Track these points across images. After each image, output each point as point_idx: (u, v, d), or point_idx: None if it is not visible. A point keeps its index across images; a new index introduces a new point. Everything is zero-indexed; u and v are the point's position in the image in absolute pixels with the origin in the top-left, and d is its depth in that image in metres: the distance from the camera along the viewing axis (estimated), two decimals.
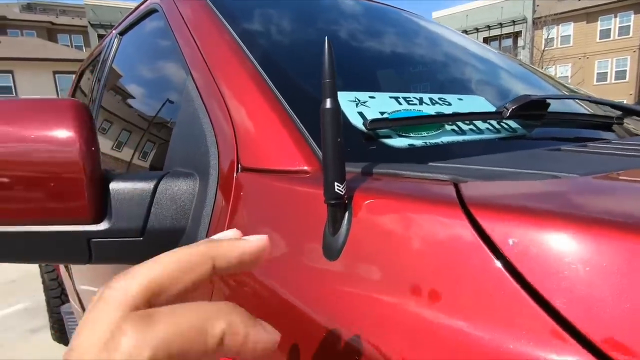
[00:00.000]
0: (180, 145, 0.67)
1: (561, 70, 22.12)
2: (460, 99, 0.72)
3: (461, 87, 0.84)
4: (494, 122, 0.64)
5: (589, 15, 21.81)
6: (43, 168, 0.51)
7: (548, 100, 0.63)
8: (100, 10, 22.57)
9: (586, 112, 0.79)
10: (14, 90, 17.01)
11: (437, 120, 0.57)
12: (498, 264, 0.27)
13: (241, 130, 0.54)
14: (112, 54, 1.44)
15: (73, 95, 2.39)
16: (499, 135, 0.61)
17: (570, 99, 0.75)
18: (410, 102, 0.65)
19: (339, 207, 0.35)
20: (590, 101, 0.74)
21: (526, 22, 22.40)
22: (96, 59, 1.79)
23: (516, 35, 23.14)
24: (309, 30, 0.84)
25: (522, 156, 0.46)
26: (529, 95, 0.61)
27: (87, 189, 0.52)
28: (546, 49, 20.89)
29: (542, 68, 19.99)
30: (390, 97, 0.65)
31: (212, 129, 0.60)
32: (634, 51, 20.85)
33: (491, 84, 0.92)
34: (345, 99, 0.61)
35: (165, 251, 0.27)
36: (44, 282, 2.53)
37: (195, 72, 0.70)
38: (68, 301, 2.38)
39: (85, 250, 0.54)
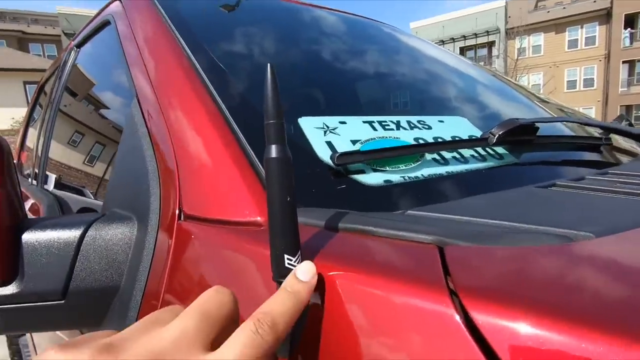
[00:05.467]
0: (121, 180, 0.57)
1: (534, 79, 22.96)
2: (441, 121, 0.65)
3: (441, 107, 0.78)
4: (479, 149, 0.58)
5: (557, 26, 22.79)
6: None
7: (537, 124, 0.57)
8: (74, 18, 21.99)
9: (572, 132, 0.74)
10: None
11: (416, 151, 0.50)
12: None
13: (185, 168, 0.45)
14: (67, 67, 1.33)
15: (32, 110, 2.23)
16: (486, 164, 0.54)
17: (559, 121, 0.70)
18: (387, 127, 0.58)
19: None
20: (580, 123, 0.70)
21: (499, 32, 23.20)
22: (55, 72, 1.67)
23: (490, 45, 23.91)
24: (279, 52, 0.76)
25: (515, 198, 0.39)
26: (517, 119, 0.55)
27: None
28: (519, 58, 21.66)
29: (516, 77, 20.70)
30: (364, 122, 0.58)
31: (155, 163, 0.50)
32: (600, 60, 21.87)
33: (472, 101, 0.86)
34: (312, 125, 0.53)
35: (92, 315, 0.24)
36: None
37: (141, 94, 0.61)
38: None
39: None
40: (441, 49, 1.25)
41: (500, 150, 0.59)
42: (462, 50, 24.20)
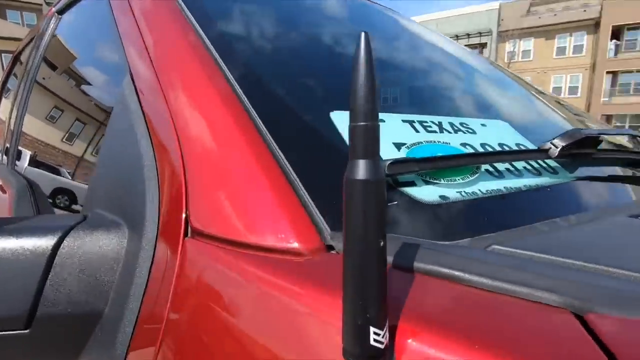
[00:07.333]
0: (108, 175, 0.47)
1: None
2: (484, 125, 0.57)
3: (477, 108, 0.70)
4: (531, 161, 0.50)
5: (547, 32, 23.12)
6: None
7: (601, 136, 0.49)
8: None
9: (622, 146, 0.68)
10: None
11: (475, 162, 0.42)
12: None
13: (195, 169, 0.35)
14: (47, 37, 1.20)
15: (5, 80, 2.05)
16: (544, 180, 0.47)
17: (625, 134, 0.63)
18: (429, 129, 0.50)
19: None
20: None
21: (491, 34, 23.39)
22: (32, 41, 1.51)
23: (482, 46, 24.09)
24: (303, 33, 0.66)
25: (618, 233, 0.32)
26: (581, 129, 0.47)
27: None
28: (510, 62, 21.92)
29: None
30: (404, 121, 0.49)
31: (153, 158, 0.40)
32: (586, 69, 22.37)
33: (505, 104, 0.79)
34: (347, 122, 0.44)
35: (65, 348, 0.16)
36: None
37: (136, 72, 0.50)
38: None
39: None
40: (467, 49, 1.17)
41: (552, 163, 0.51)
42: None
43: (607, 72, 22.29)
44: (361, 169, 0.17)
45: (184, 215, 0.33)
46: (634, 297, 0.20)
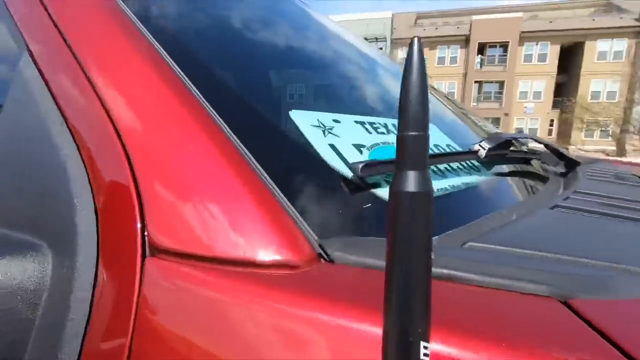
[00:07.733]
0: (7, 185, 0.36)
1: None
2: None
3: (389, 106, 0.75)
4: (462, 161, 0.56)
5: (431, 43, 26.39)
6: None
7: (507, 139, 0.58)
8: None
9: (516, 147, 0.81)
10: None
11: (433, 162, 0.45)
12: None
13: (150, 173, 0.30)
14: None
15: None
16: (475, 177, 0.53)
17: (531, 138, 0.75)
18: (378, 130, 0.51)
19: None
20: (538, 142, 0.76)
21: (386, 40, 25.59)
22: None
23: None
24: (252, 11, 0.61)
25: (549, 223, 0.37)
26: (500, 133, 0.55)
27: None
28: None
29: None
30: (356, 122, 0.50)
31: (79, 156, 0.33)
32: (460, 78, 26.25)
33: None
34: (307, 122, 0.43)
35: None
36: None
37: (39, 53, 0.40)
38: None
39: None
40: (375, 47, 1.24)
41: (476, 162, 0.59)
42: None
43: (475, 82, 26.46)
44: (411, 181, 0.16)
45: (139, 228, 0.28)
46: (607, 282, 0.24)
